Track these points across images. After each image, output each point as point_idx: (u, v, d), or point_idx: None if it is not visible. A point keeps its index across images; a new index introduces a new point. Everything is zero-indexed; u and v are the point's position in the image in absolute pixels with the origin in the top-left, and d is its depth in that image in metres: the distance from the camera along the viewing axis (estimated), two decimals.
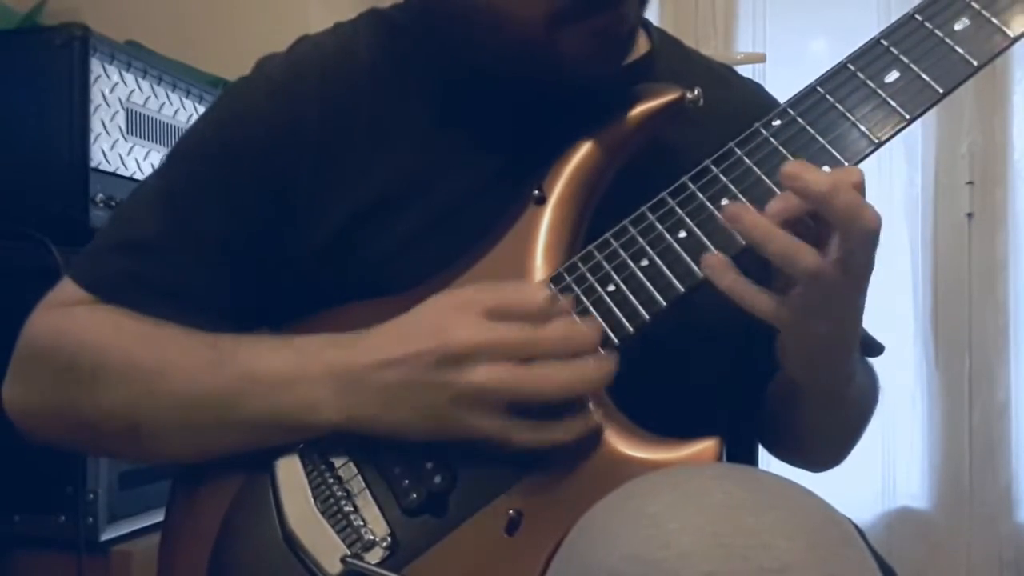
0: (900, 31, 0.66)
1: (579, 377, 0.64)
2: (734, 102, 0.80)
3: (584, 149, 0.72)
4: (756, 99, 0.85)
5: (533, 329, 0.64)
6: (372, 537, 0.67)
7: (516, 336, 0.64)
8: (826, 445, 0.85)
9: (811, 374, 0.69)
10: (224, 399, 0.70)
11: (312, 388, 0.68)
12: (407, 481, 0.67)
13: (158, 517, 1.32)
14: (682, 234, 0.66)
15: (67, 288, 0.77)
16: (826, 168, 0.64)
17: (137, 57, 1.43)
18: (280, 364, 0.69)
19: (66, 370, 0.74)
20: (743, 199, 0.65)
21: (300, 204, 0.76)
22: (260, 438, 0.70)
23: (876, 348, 0.88)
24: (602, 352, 0.65)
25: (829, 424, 0.80)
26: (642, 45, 0.82)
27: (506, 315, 0.65)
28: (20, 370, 0.77)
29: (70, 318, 0.75)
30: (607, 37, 0.69)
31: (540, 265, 0.70)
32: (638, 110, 0.72)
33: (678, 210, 0.67)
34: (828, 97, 0.66)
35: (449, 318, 0.65)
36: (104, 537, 1.26)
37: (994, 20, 0.64)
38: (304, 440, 0.70)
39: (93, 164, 1.32)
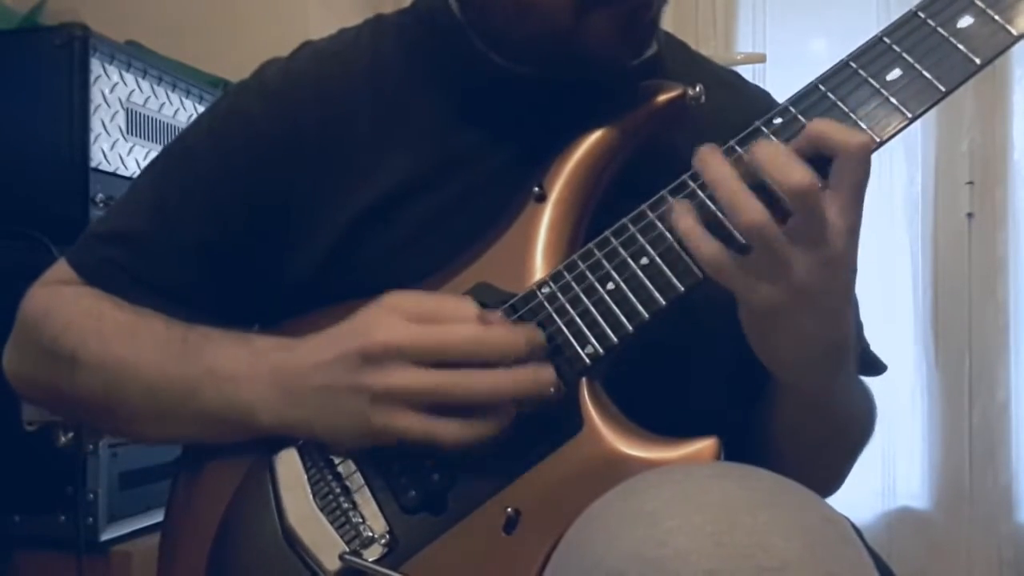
0: (902, 29, 0.65)
1: (507, 382, 0.64)
2: (740, 107, 0.80)
3: (585, 147, 0.72)
4: (762, 104, 0.84)
5: (456, 332, 0.64)
6: (371, 534, 0.67)
7: (437, 338, 0.64)
8: (805, 461, 0.81)
9: (778, 360, 0.68)
10: (186, 390, 0.72)
11: (254, 389, 0.69)
12: (405, 478, 0.67)
13: (158, 517, 1.32)
14: None
15: (61, 267, 0.80)
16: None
17: (137, 57, 1.44)
18: (234, 362, 0.71)
19: (50, 349, 0.76)
20: None
21: (298, 209, 0.76)
22: (217, 431, 0.72)
23: (878, 367, 0.86)
24: (538, 363, 0.64)
25: (807, 435, 0.77)
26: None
27: (431, 319, 0.65)
28: (15, 339, 0.81)
29: (59, 298, 0.78)
30: (631, 24, 0.69)
31: (540, 263, 0.70)
32: (639, 108, 0.72)
33: None
34: (829, 95, 0.66)
35: (374, 319, 0.66)
36: (104, 537, 1.27)
37: (998, 18, 0.63)
38: (255, 438, 0.71)
39: (93, 164, 1.32)
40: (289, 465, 0.70)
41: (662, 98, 0.71)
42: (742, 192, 0.60)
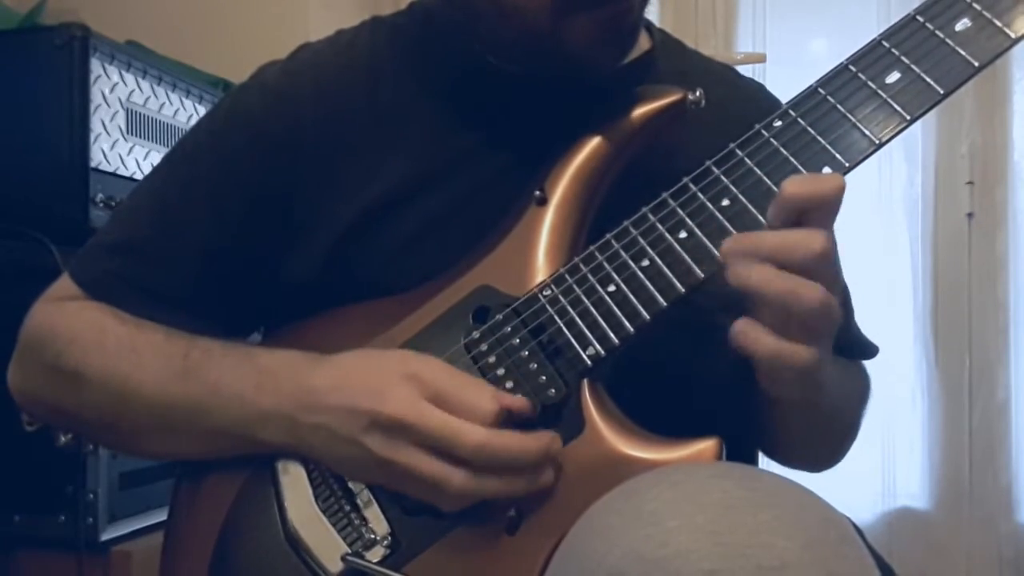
0: (901, 32, 0.66)
1: (506, 490, 0.63)
2: (736, 102, 0.80)
3: (586, 150, 0.72)
4: (758, 99, 0.85)
5: (469, 436, 0.62)
6: (373, 536, 0.67)
7: (448, 433, 0.62)
8: (808, 450, 0.85)
9: (780, 387, 0.68)
10: (190, 409, 0.71)
11: (262, 408, 0.69)
12: None
13: (158, 517, 1.33)
14: (683, 235, 0.66)
15: (65, 282, 0.80)
16: (827, 169, 0.64)
17: (137, 57, 1.43)
18: (239, 381, 0.70)
19: (53, 366, 0.76)
20: (744, 200, 0.65)
21: (299, 209, 0.76)
22: (225, 447, 0.72)
23: (870, 350, 0.88)
24: (540, 468, 0.64)
25: (805, 430, 0.79)
26: (643, 44, 0.82)
27: (447, 405, 0.63)
28: (19, 356, 0.81)
29: (62, 314, 0.78)
30: (612, 28, 0.69)
31: (542, 266, 0.70)
32: (640, 111, 0.72)
33: (679, 211, 0.67)
34: (829, 98, 0.66)
35: (392, 386, 0.65)
36: (104, 537, 1.27)
37: (996, 21, 0.64)
38: (261, 453, 0.71)
39: (93, 164, 1.32)
40: (292, 467, 0.71)
41: (662, 102, 0.71)
42: (794, 280, 0.60)
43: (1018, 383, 2.04)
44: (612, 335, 0.66)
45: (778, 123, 0.66)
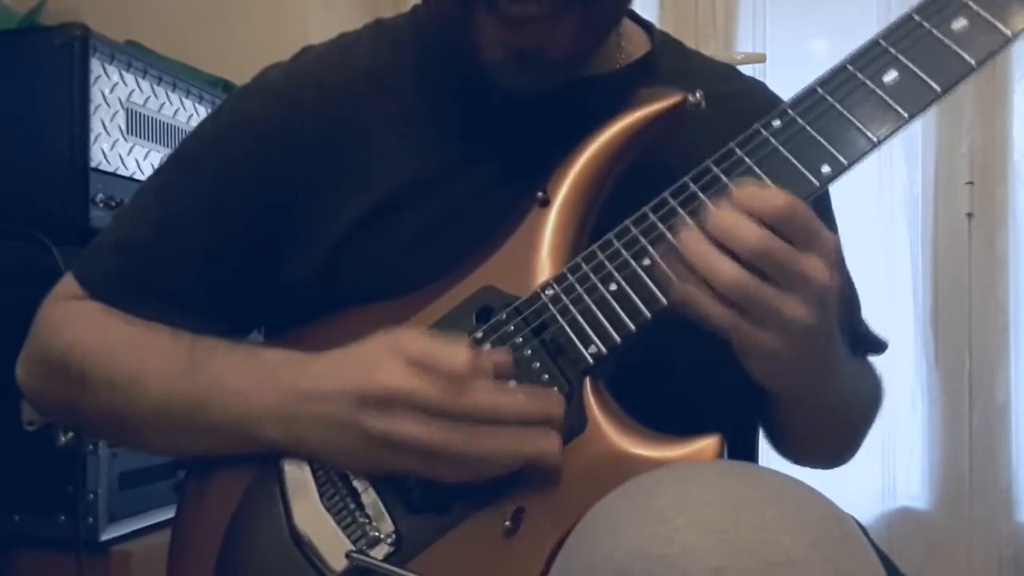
0: (898, 31, 0.66)
1: (507, 449, 0.62)
2: (737, 100, 0.81)
3: (588, 152, 0.72)
4: (759, 97, 0.85)
5: (454, 388, 0.62)
6: (377, 534, 0.67)
7: (436, 391, 0.62)
8: (813, 448, 0.85)
9: (775, 383, 0.69)
10: (194, 405, 0.72)
11: (261, 405, 0.69)
12: (410, 478, 0.67)
13: (158, 517, 1.33)
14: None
15: (69, 282, 0.80)
16: (826, 167, 0.64)
17: (137, 57, 1.44)
18: (241, 378, 0.71)
19: (59, 366, 0.77)
20: None
21: (300, 212, 0.76)
22: (227, 444, 0.72)
23: (880, 346, 0.88)
24: (541, 428, 0.63)
25: (809, 427, 0.80)
26: (643, 46, 0.82)
27: (427, 367, 0.63)
28: (27, 355, 0.81)
29: (67, 315, 0.78)
30: (526, 55, 0.69)
31: (545, 266, 0.70)
32: (640, 113, 0.72)
33: (679, 210, 0.67)
34: (827, 97, 0.66)
35: (377, 359, 0.65)
36: (104, 537, 1.27)
37: (992, 20, 0.64)
38: (262, 451, 0.71)
39: (93, 164, 1.32)
40: (297, 466, 0.71)
41: (662, 105, 0.71)
42: (710, 254, 0.60)
43: (1018, 383, 2.04)
44: (614, 333, 0.66)
45: (777, 122, 0.67)
